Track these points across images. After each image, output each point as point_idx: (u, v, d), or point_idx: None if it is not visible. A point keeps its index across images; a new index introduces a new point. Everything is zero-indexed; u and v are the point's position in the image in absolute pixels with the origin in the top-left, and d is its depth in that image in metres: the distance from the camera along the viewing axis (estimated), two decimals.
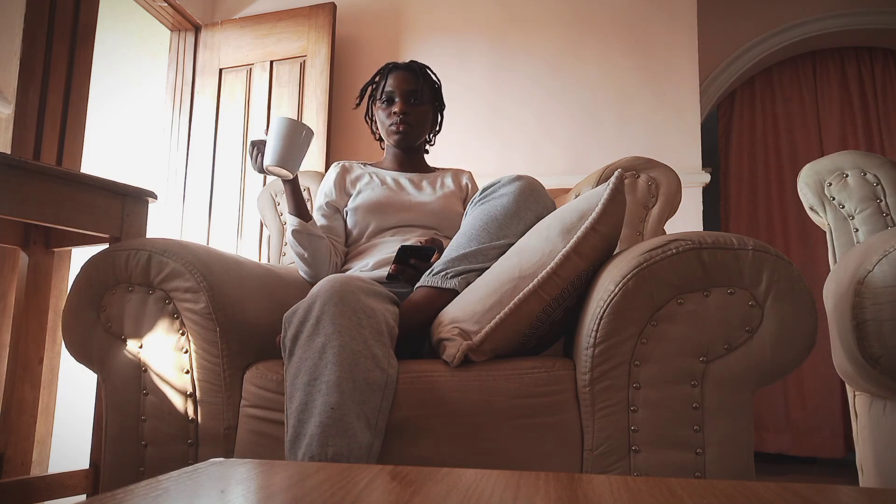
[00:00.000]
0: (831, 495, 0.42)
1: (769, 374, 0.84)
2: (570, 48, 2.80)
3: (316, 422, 0.83)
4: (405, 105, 1.52)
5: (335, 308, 0.90)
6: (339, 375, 0.85)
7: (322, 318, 0.90)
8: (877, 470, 1.11)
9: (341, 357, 0.87)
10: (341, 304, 0.91)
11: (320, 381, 0.86)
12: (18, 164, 1.19)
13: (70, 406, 2.34)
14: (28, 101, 1.95)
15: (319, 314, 0.91)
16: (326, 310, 0.91)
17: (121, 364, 1.03)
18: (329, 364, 0.86)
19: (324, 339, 0.88)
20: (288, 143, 1.21)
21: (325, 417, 0.83)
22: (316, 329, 0.90)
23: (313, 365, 0.87)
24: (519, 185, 1.13)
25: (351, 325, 0.90)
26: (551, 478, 0.48)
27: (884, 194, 1.25)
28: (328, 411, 0.83)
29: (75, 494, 1.40)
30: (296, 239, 1.34)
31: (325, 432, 0.82)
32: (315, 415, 0.83)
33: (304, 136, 1.23)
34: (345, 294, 0.92)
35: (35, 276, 1.56)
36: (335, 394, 0.84)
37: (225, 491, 0.44)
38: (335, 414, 0.83)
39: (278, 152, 1.21)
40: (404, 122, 1.52)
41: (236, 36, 2.97)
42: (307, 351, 0.89)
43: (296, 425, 0.85)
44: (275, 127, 1.22)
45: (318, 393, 0.85)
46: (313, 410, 0.84)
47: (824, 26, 3.32)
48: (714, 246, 0.85)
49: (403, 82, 1.53)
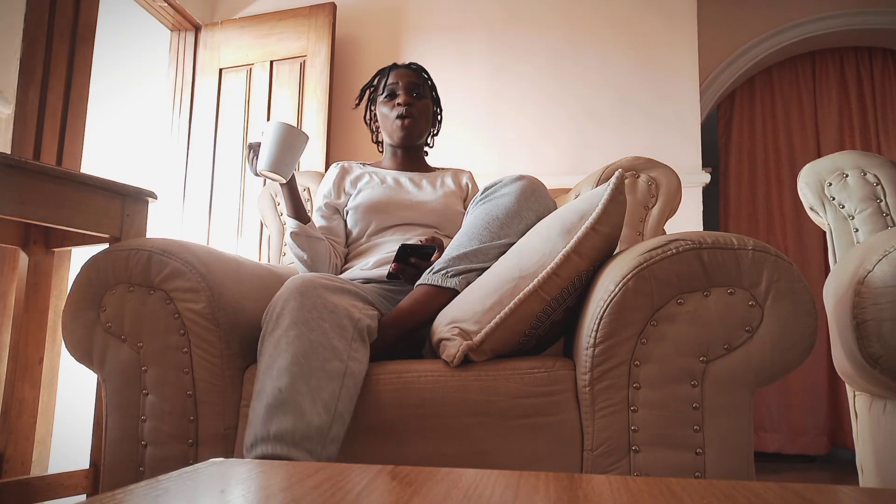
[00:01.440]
0: (831, 495, 0.42)
1: (769, 374, 0.84)
2: (570, 48, 2.80)
3: (263, 403, 0.84)
4: (409, 97, 1.54)
5: (294, 303, 0.93)
6: (289, 361, 0.87)
7: (282, 314, 0.92)
8: (877, 470, 1.11)
9: (296, 346, 0.88)
10: (301, 298, 0.93)
11: (272, 367, 0.87)
12: (18, 164, 1.19)
13: (70, 406, 2.34)
14: (28, 101, 1.95)
15: (280, 310, 0.93)
16: (287, 305, 0.93)
17: (121, 364, 1.03)
18: (282, 352, 0.88)
19: (280, 332, 0.91)
20: (281, 148, 1.22)
21: (271, 399, 0.84)
22: (276, 324, 0.92)
23: (269, 355, 0.89)
24: (521, 184, 1.13)
25: (311, 317, 0.92)
26: (551, 478, 0.48)
27: (884, 194, 1.25)
28: (276, 393, 0.84)
29: (75, 494, 1.40)
30: (295, 241, 1.34)
31: (269, 413, 0.83)
32: (263, 398, 0.85)
33: (298, 140, 1.24)
34: (305, 290, 0.95)
35: (35, 276, 1.56)
36: (285, 377, 0.85)
37: (225, 491, 0.44)
38: (281, 395, 0.84)
39: (272, 157, 1.22)
40: (409, 113, 1.53)
41: (236, 36, 2.97)
42: (267, 345, 0.91)
43: (250, 412, 0.86)
44: (269, 132, 1.23)
45: (269, 378, 0.86)
46: (263, 395, 0.85)
47: (824, 26, 3.32)
48: (714, 246, 0.85)
49: (405, 77, 1.56)
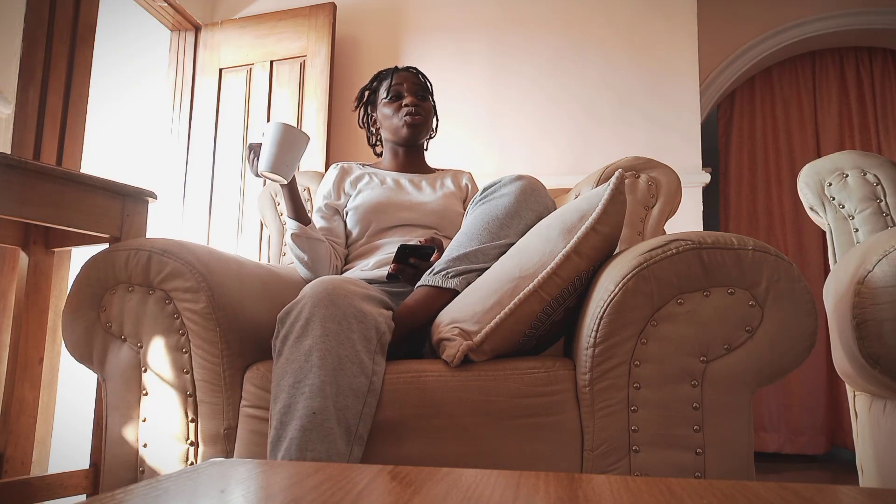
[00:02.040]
0: (831, 495, 0.42)
1: (769, 374, 0.84)
2: (570, 48, 2.80)
3: (297, 425, 0.83)
4: (415, 98, 1.54)
5: (325, 311, 0.90)
6: (322, 380, 0.85)
7: (311, 321, 0.90)
8: (877, 470, 1.11)
9: (326, 361, 0.87)
10: (332, 307, 0.91)
11: (304, 384, 0.86)
12: (18, 164, 1.19)
13: (70, 406, 2.34)
14: (28, 101, 1.95)
15: (309, 316, 0.90)
16: (316, 312, 0.90)
17: (121, 364, 1.03)
18: (314, 367, 0.86)
19: (311, 342, 0.88)
20: (282, 149, 1.21)
21: (306, 421, 0.83)
22: (304, 331, 0.90)
23: (299, 367, 0.87)
24: (520, 184, 1.13)
25: (340, 329, 0.90)
26: (551, 478, 0.48)
27: (884, 194, 1.25)
28: (310, 416, 0.83)
29: (75, 494, 1.40)
30: (295, 243, 1.33)
31: (305, 436, 0.82)
32: (297, 418, 0.84)
33: (299, 141, 1.23)
34: (336, 297, 0.92)
35: (35, 276, 1.56)
36: (318, 398, 0.84)
37: (225, 491, 0.44)
38: (316, 419, 0.83)
39: (272, 158, 1.21)
40: (417, 113, 1.53)
41: (236, 36, 2.97)
42: (294, 353, 0.89)
43: (278, 427, 0.85)
44: (270, 132, 1.22)
45: (302, 396, 0.85)
46: (295, 413, 0.84)
47: (824, 26, 3.32)
48: (714, 246, 0.85)
49: (410, 79, 1.56)
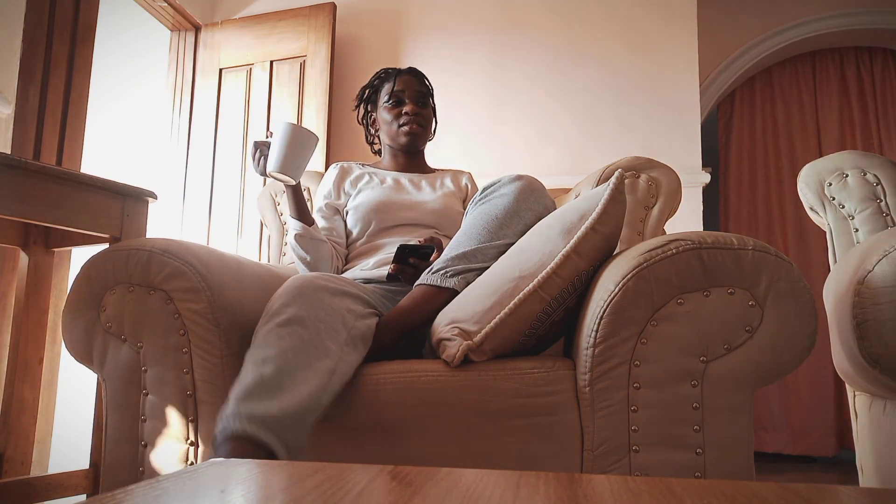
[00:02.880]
0: (831, 495, 0.42)
1: (769, 374, 0.84)
2: (570, 48, 2.80)
3: (241, 387, 0.85)
4: (416, 106, 1.53)
5: (292, 301, 0.95)
6: (277, 352, 0.89)
7: (280, 310, 0.95)
8: (877, 470, 1.11)
9: (286, 341, 0.90)
10: (300, 298, 0.96)
11: (258, 356, 0.89)
12: (18, 164, 1.19)
13: (70, 406, 2.34)
14: (28, 101, 1.95)
15: (278, 307, 0.95)
16: (285, 302, 0.95)
17: (121, 364, 1.03)
18: (271, 344, 0.90)
19: (272, 325, 0.93)
20: (292, 149, 1.21)
21: (251, 384, 0.85)
22: (270, 319, 0.94)
23: (258, 346, 0.91)
24: (519, 184, 1.13)
25: (307, 316, 0.94)
26: (551, 478, 0.48)
27: (884, 194, 1.25)
28: (258, 379, 0.86)
29: (75, 494, 1.40)
30: (298, 243, 1.34)
31: (246, 394, 0.84)
32: (243, 382, 0.86)
33: (309, 142, 1.23)
34: (304, 289, 0.97)
35: (35, 276, 1.56)
36: (270, 366, 0.87)
37: (225, 491, 0.44)
38: (262, 382, 0.85)
39: (282, 159, 1.21)
40: (416, 122, 1.53)
41: (236, 36, 2.97)
42: (258, 336, 0.93)
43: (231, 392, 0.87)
44: (280, 132, 1.21)
45: (253, 365, 0.88)
46: (243, 381, 0.86)
47: (824, 26, 3.32)
48: (714, 246, 0.85)
49: (412, 85, 1.55)
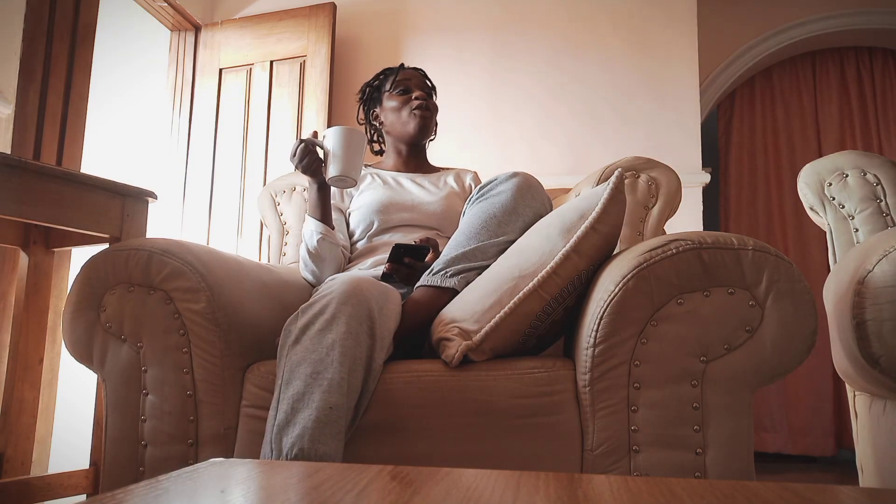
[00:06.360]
0: (831, 495, 0.42)
1: (769, 374, 0.84)
2: (571, 48, 2.80)
3: (313, 416, 0.82)
4: (423, 93, 1.56)
5: (350, 310, 0.92)
6: (342, 377, 0.86)
7: (337, 317, 0.91)
8: (877, 470, 1.11)
9: (345, 359, 0.87)
10: (358, 306, 0.92)
11: (323, 376, 0.86)
12: (18, 164, 1.19)
13: (70, 406, 2.33)
14: (28, 101, 1.95)
15: (336, 312, 0.91)
16: (342, 310, 0.91)
17: (121, 364, 1.03)
18: (335, 363, 0.87)
19: (334, 337, 0.89)
20: (350, 152, 1.23)
21: (322, 414, 0.83)
22: (329, 325, 0.90)
23: (319, 359, 0.87)
24: (516, 181, 1.12)
25: (361, 330, 0.91)
26: (551, 478, 0.48)
27: (884, 194, 1.25)
28: (327, 409, 0.83)
29: (75, 494, 1.40)
30: (320, 245, 1.32)
31: (319, 429, 0.82)
32: (313, 409, 0.83)
33: (363, 144, 1.26)
34: (360, 298, 0.94)
35: (35, 276, 1.56)
36: (336, 394, 0.84)
37: (225, 491, 0.44)
38: (332, 414, 0.83)
39: (343, 163, 1.23)
40: (426, 106, 1.54)
41: (236, 36, 2.97)
42: (316, 344, 0.89)
43: (288, 411, 0.84)
44: (335, 137, 1.23)
45: (319, 388, 0.85)
46: (311, 403, 0.84)
47: (824, 26, 3.32)
48: (714, 246, 0.85)
49: (417, 76, 1.59)
